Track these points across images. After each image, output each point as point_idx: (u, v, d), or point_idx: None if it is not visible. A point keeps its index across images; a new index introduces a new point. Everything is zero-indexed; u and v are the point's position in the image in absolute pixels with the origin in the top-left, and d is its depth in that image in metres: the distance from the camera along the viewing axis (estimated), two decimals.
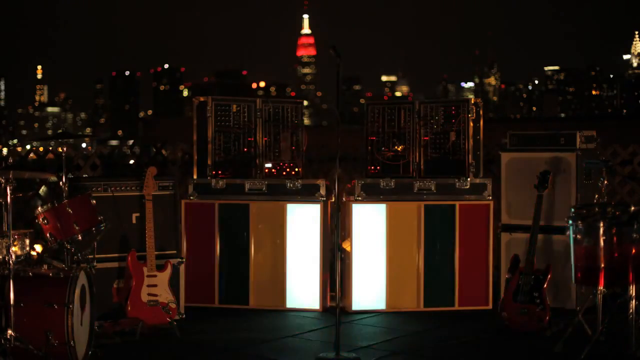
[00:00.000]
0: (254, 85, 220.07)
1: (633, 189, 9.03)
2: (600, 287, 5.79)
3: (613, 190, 8.95)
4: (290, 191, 7.59)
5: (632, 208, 5.77)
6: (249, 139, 7.97)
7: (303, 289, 7.52)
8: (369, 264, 7.50)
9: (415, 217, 7.52)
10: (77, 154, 8.90)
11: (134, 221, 7.09)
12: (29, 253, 5.94)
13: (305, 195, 7.57)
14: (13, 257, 5.48)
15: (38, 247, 6.32)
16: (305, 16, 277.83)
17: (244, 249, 7.61)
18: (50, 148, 9.07)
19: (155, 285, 6.69)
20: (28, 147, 10.27)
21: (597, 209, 5.84)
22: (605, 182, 6.54)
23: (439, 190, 7.57)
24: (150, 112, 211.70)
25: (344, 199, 7.61)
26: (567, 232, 5.95)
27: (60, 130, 6.76)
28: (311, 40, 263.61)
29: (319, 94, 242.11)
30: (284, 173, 7.99)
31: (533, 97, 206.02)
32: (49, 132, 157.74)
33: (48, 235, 6.17)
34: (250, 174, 7.93)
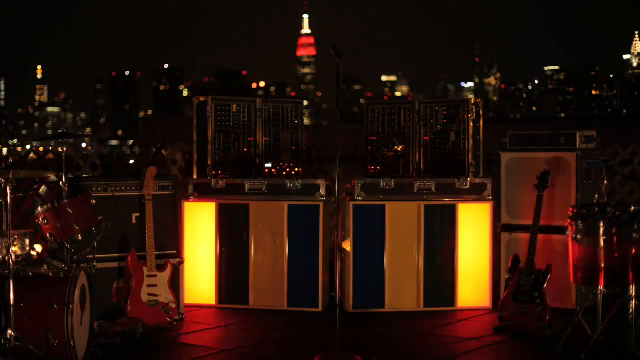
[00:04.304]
0: (254, 85, 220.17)
1: (633, 189, 9.02)
2: (600, 287, 5.79)
3: (613, 190, 8.94)
4: (290, 191, 7.59)
5: (632, 208, 5.77)
6: (249, 139, 7.97)
7: (303, 289, 7.51)
8: (369, 264, 7.50)
9: (415, 217, 7.51)
10: (77, 154, 8.90)
11: (134, 221, 7.09)
12: (29, 253, 5.94)
13: (305, 195, 7.56)
14: (13, 257, 5.48)
15: (38, 247, 6.33)
16: (305, 16, 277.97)
17: (244, 249, 7.61)
18: (50, 148, 9.06)
19: (155, 285, 6.69)
20: (28, 147, 10.26)
21: (597, 209, 5.84)
22: (605, 182, 6.54)
23: (439, 190, 7.57)
24: (150, 112, 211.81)
25: (344, 199, 7.61)
26: (567, 232, 5.95)
27: (60, 130, 6.76)
28: (311, 40, 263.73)
29: (319, 94, 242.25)
30: (284, 173, 7.99)
31: (533, 97, 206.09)
32: (49, 132, 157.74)
33: (48, 235, 6.17)
34: (250, 174, 7.93)
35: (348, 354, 5.82)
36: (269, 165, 7.97)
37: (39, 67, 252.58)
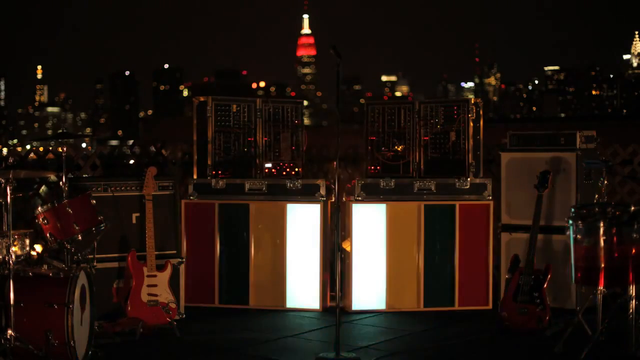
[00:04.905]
0: (254, 85, 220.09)
1: (633, 189, 9.02)
2: (600, 287, 5.79)
3: (613, 190, 8.94)
4: (290, 191, 7.59)
5: (632, 208, 5.77)
6: (249, 139, 7.96)
7: (303, 289, 7.52)
8: (369, 264, 7.50)
9: (415, 217, 7.52)
10: (77, 154, 8.90)
11: (134, 221, 7.09)
12: (29, 253, 5.94)
13: (305, 195, 7.56)
14: (13, 257, 5.48)
15: (38, 247, 6.33)
16: (305, 16, 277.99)
17: (244, 249, 7.61)
18: (50, 148, 9.06)
19: (155, 285, 6.69)
20: (28, 147, 10.26)
21: (597, 209, 5.83)
22: (605, 182, 6.54)
23: (439, 190, 7.57)
24: (150, 112, 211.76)
25: (344, 199, 7.61)
26: (567, 232, 5.95)
27: (60, 130, 6.76)
28: (311, 40, 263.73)
29: (319, 94, 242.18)
30: (284, 173, 7.98)
31: (533, 97, 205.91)
32: (49, 132, 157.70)
33: (48, 235, 6.17)
34: (250, 174, 7.92)
35: (348, 354, 5.82)
36: (269, 165, 7.97)
37: (39, 67, 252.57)
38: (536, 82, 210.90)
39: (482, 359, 6.07)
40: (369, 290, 7.49)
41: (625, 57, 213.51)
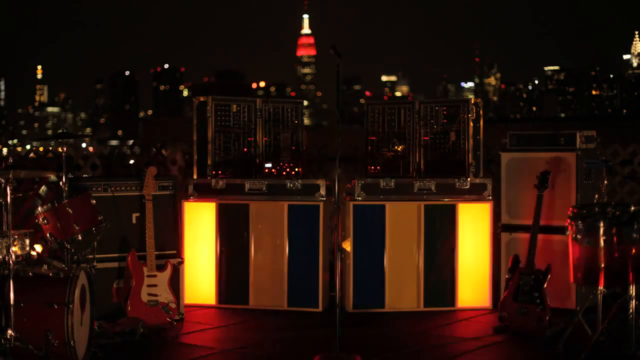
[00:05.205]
0: (254, 85, 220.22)
1: (633, 189, 9.03)
2: (600, 287, 5.79)
3: (613, 190, 8.94)
4: (290, 191, 7.59)
5: (632, 208, 5.77)
6: (249, 139, 7.96)
7: (303, 289, 7.51)
8: (369, 264, 7.50)
9: (415, 217, 7.51)
10: (77, 154, 8.89)
11: (134, 221, 7.09)
12: (29, 253, 5.94)
13: (305, 195, 7.56)
14: (13, 257, 5.48)
15: (38, 247, 6.33)
16: (305, 16, 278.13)
17: (244, 249, 7.60)
18: (50, 148, 9.07)
19: (155, 285, 6.69)
20: (28, 147, 10.26)
21: (597, 209, 5.83)
22: (605, 182, 6.54)
23: (439, 190, 7.57)
24: (150, 112, 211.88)
25: (344, 199, 7.61)
26: (567, 232, 5.95)
27: (60, 130, 6.76)
28: (311, 40, 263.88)
29: (319, 94, 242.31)
30: (284, 173, 7.98)
31: (533, 97, 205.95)
32: (49, 132, 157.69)
33: (48, 235, 6.17)
34: (250, 174, 7.92)
35: (348, 354, 5.81)
36: (269, 165, 7.97)
37: (39, 67, 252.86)
38: (536, 82, 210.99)
39: (482, 359, 6.07)
40: (369, 290, 7.48)
41: (625, 57, 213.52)
